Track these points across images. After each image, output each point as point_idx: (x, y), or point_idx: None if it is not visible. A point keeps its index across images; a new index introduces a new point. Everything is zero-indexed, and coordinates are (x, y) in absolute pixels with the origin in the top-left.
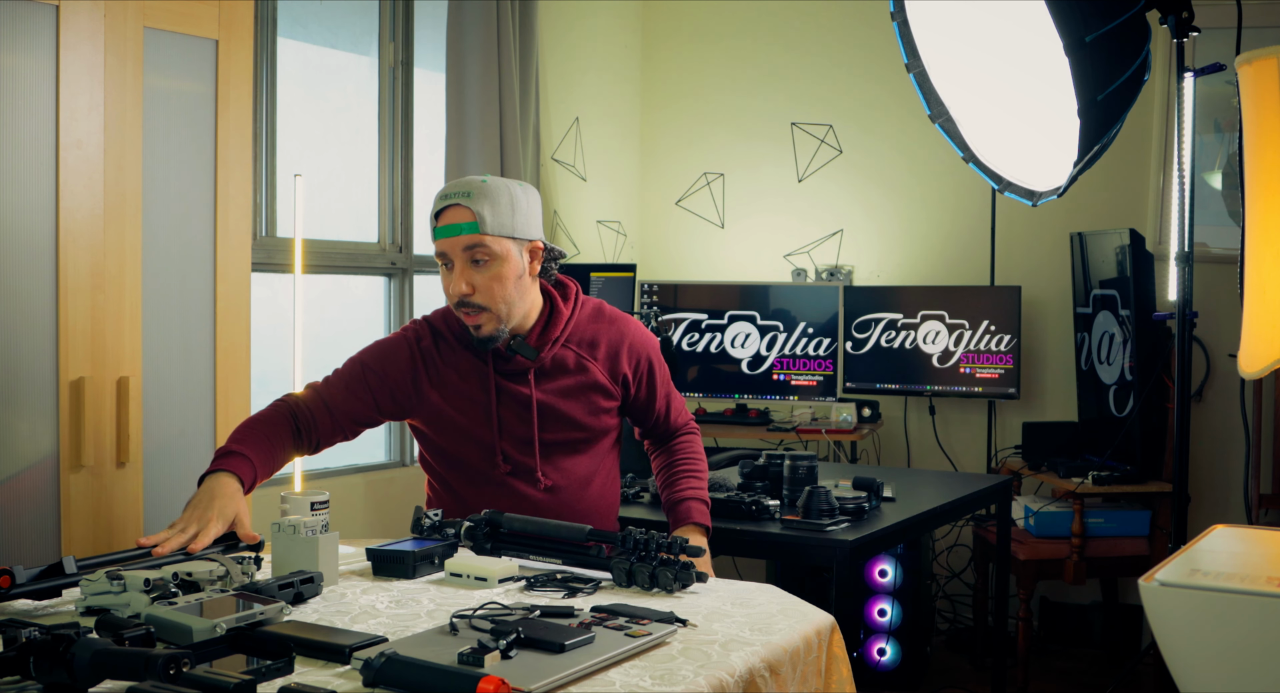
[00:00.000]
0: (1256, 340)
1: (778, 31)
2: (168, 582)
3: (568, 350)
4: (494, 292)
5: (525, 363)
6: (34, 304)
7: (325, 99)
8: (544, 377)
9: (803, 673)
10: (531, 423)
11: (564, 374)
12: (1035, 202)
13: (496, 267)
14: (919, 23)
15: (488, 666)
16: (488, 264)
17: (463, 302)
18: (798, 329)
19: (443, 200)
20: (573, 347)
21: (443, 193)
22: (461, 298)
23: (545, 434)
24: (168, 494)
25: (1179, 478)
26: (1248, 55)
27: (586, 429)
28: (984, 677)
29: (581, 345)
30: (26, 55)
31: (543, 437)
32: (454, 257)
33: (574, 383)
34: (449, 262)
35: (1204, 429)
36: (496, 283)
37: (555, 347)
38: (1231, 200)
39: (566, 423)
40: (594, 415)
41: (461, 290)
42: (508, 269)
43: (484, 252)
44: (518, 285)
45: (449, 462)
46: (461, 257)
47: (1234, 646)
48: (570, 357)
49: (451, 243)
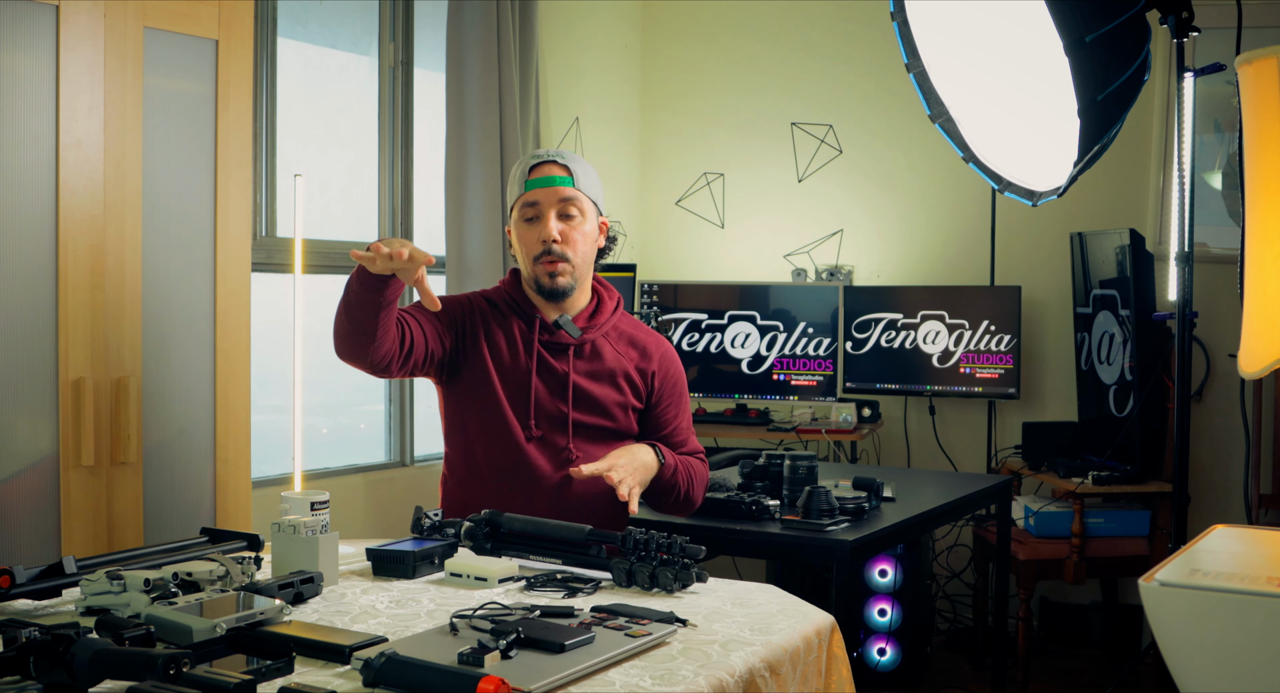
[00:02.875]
0: (1256, 340)
1: (778, 31)
2: (168, 582)
3: (607, 342)
4: (578, 245)
5: (567, 339)
6: (34, 304)
7: (325, 99)
8: (581, 359)
9: (803, 673)
10: (565, 397)
11: (599, 360)
12: (1035, 202)
13: (582, 224)
14: (919, 23)
15: (488, 666)
16: (575, 220)
17: (549, 250)
18: (798, 329)
19: (536, 158)
20: (611, 341)
21: (533, 154)
22: (550, 244)
23: (575, 413)
24: (168, 494)
25: (1179, 478)
26: (1248, 55)
27: (612, 419)
28: (984, 677)
29: (620, 341)
30: (26, 55)
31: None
32: (546, 207)
33: (606, 369)
34: (537, 214)
35: (1204, 429)
36: (581, 237)
37: (598, 332)
38: (1231, 200)
39: (595, 407)
40: (621, 409)
41: (552, 235)
42: (589, 229)
43: (575, 206)
44: (591, 251)
45: (478, 424)
46: (555, 207)
47: (1234, 646)
48: (608, 348)
49: (548, 193)
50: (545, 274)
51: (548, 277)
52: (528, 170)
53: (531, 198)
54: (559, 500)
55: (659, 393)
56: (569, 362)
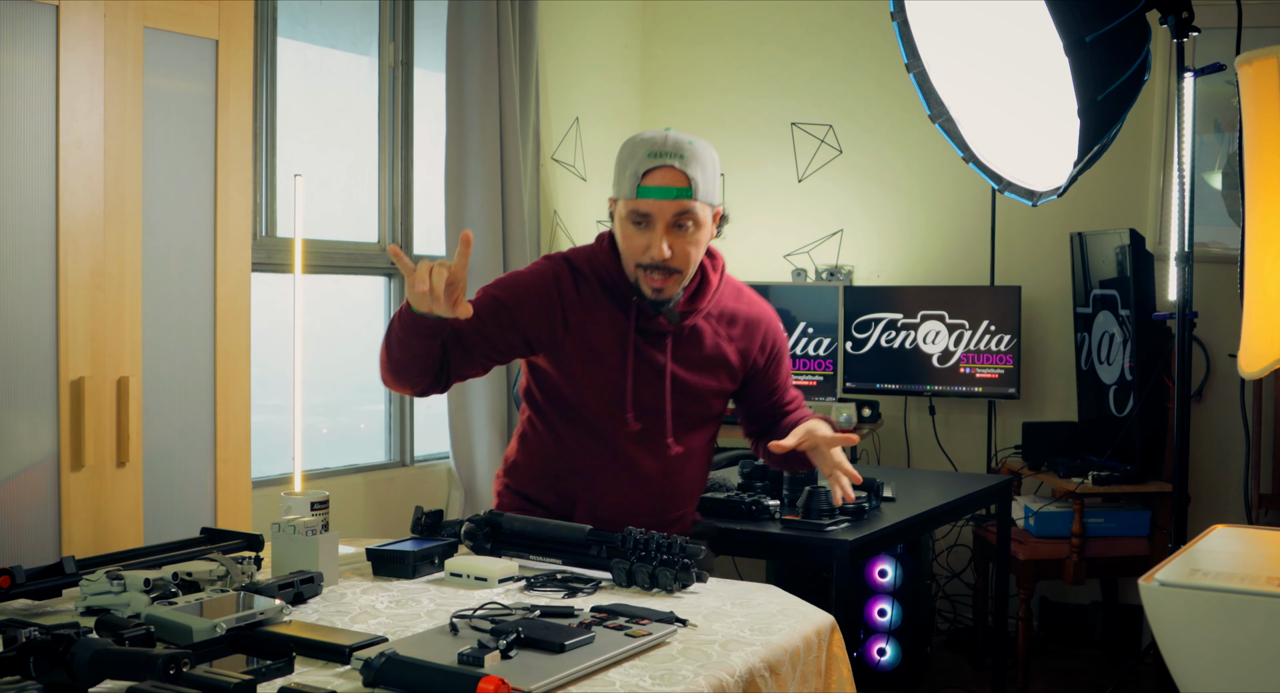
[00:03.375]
0: (1256, 340)
1: (778, 31)
2: (168, 582)
3: (707, 323)
4: (690, 256)
5: (666, 326)
6: (34, 304)
7: (325, 99)
8: (678, 344)
9: (803, 673)
10: (663, 390)
11: (697, 347)
12: (1035, 202)
13: (697, 232)
14: (919, 23)
15: (488, 666)
16: (691, 230)
17: (658, 265)
18: (798, 329)
19: (654, 159)
20: (711, 321)
21: (652, 150)
22: (660, 261)
23: (673, 404)
24: (168, 494)
25: (1179, 478)
26: (1248, 55)
27: (708, 406)
28: (984, 677)
29: (721, 321)
30: (26, 55)
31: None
32: (659, 219)
33: (705, 357)
34: (648, 223)
35: (1204, 429)
36: (694, 248)
37: (698, 317)
38: (1231, 200)
39: (693, 397)
40: (718, 397)
41: (664, 254)
42: (704, 235)
43: (691, 217)
44: (702, 252)
45: (566, 411)
46: (669, 220)
47: (1234, 646)
48: (708, 331)
49: (663, 206)
50: (650, 288)
51: (653, 291)
52: (641, 174)
53: (644, 208)
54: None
55: (764, 366)
56: (667, 351)
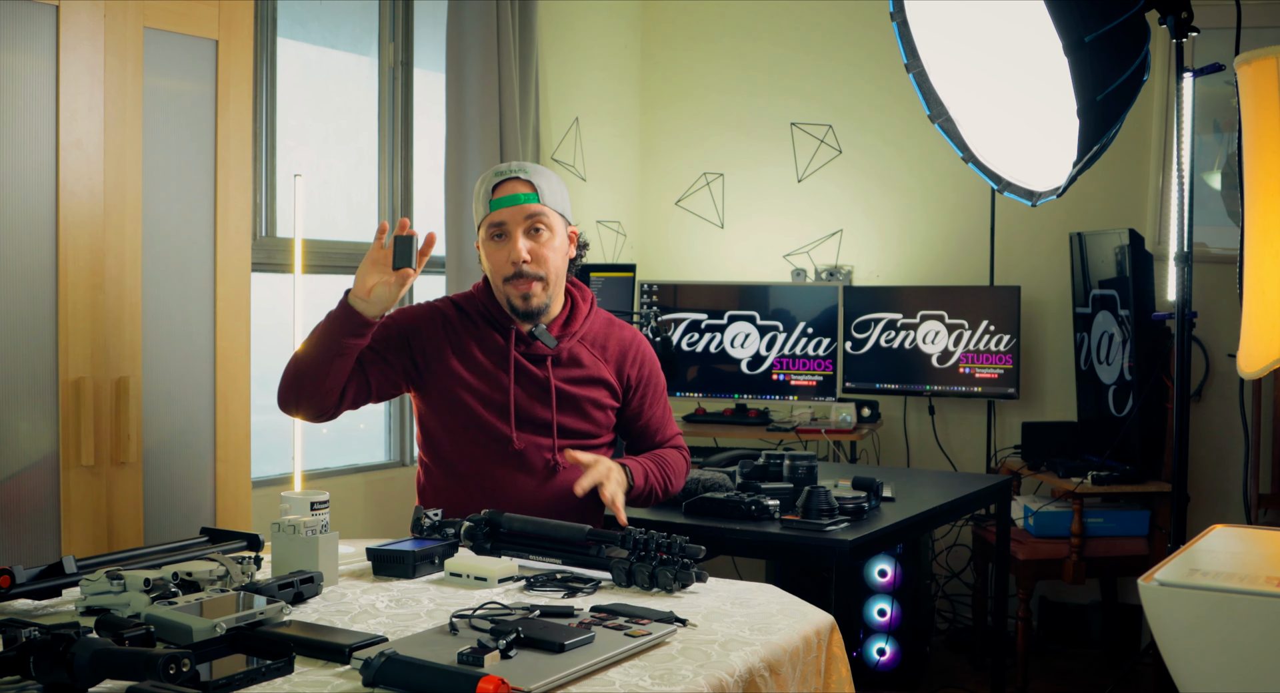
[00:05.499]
0: (1256, 340)
1: (778, 31)
2: (168, 582)
3: (582, 347)
4: (549, 261)
5: (544, 350)
6: (34, 304)
7: (325, 99)
8: (559, 366)
9: (802, 673)
10: (549, 405)
11: (577, 366)
12: (1035, 202)
13: (551, 239)
14: (919, 23)
15: (487, 665)
16: (544, 235)
17: (520, 271)
18: (797, 329)
19: (498, 176)
20: (586, 345)
21: (496, 170)
22: (519, 265)
23: (559, 417)
24: (168, 494)
25: (1178, 478)
26: (1247, 55)
27: (593, 422)
28: (983, 677)
29: (595, 346)
30: (26, 55)
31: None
32: (513, 226)
33: (586, 375)
34: (504, 233)
35: (1203, 429)
36: (550, 253)
37: (573, 340)
38: (1231, 200)
39: (578, 411)
40: (600, 410)
41: (522, 256)
42: (559, 242)
43: (542, 221)
44: (562, 264)
45: (456, 438)
46: (521, 225)
47: (1234, 646)
48: (584, 353)
49: (513, 212)
50: (518, 296)
51: (520, 298)
52: (491, 189)
53: (497, 218)
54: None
55: (636, 391)
56: (548, 369)
